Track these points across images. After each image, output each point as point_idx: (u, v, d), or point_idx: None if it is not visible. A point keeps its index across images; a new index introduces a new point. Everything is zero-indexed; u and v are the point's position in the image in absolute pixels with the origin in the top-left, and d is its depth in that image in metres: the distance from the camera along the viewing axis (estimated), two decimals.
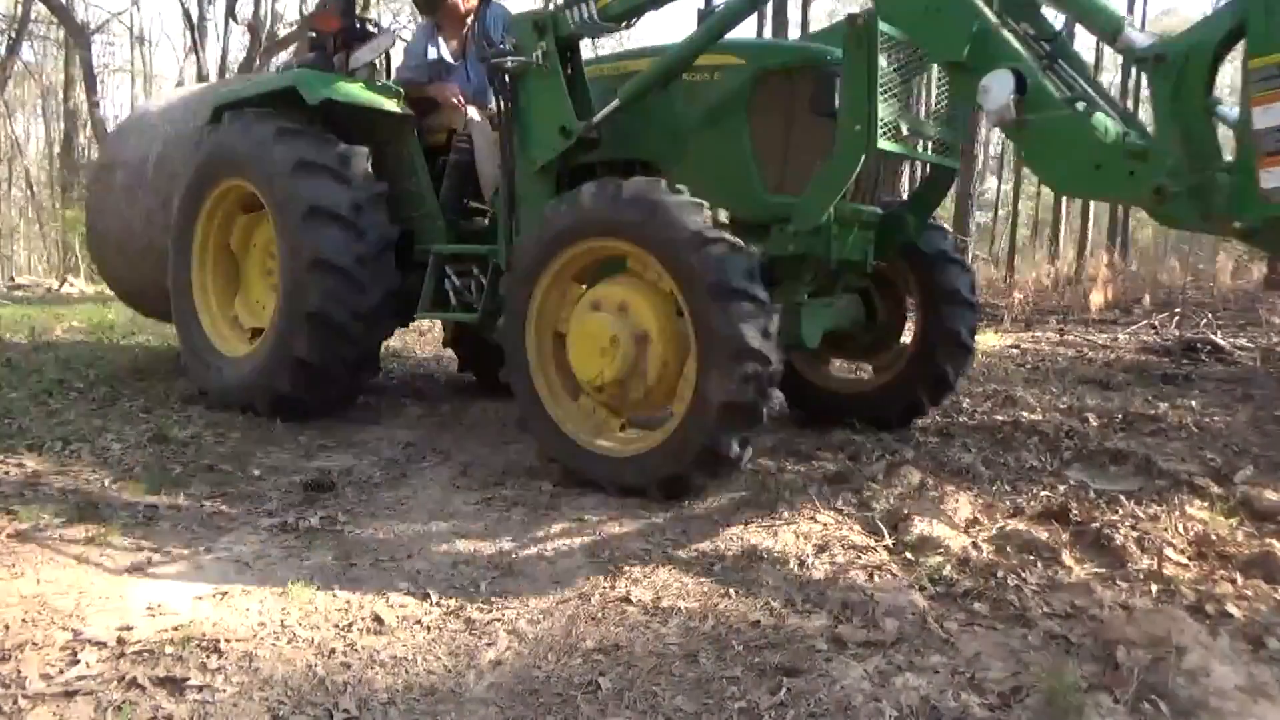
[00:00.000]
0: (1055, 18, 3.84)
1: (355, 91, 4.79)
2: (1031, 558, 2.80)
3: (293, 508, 3.36)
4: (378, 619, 2.43)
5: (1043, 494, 3.52)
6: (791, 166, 3.90)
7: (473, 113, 4.85)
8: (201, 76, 20.85)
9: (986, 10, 3.09)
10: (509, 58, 4.02)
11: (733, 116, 3.86)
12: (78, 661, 2.12)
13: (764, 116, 3.86)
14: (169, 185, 5.74)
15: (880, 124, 3.41)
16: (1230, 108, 2.73)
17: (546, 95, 4.02)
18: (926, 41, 3.34)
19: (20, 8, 20.49)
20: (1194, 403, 5.20)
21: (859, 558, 2.80)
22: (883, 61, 3.44)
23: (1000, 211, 34.88)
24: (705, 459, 3.34)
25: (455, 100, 4.92)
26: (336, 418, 4.97)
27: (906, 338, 4.71)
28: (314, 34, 5.36)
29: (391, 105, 4.86)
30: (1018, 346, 7.91)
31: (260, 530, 3.11)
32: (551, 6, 4.06)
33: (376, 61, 5.26)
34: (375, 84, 4.93)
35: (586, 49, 4.28)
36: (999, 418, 4.91)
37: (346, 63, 5.10)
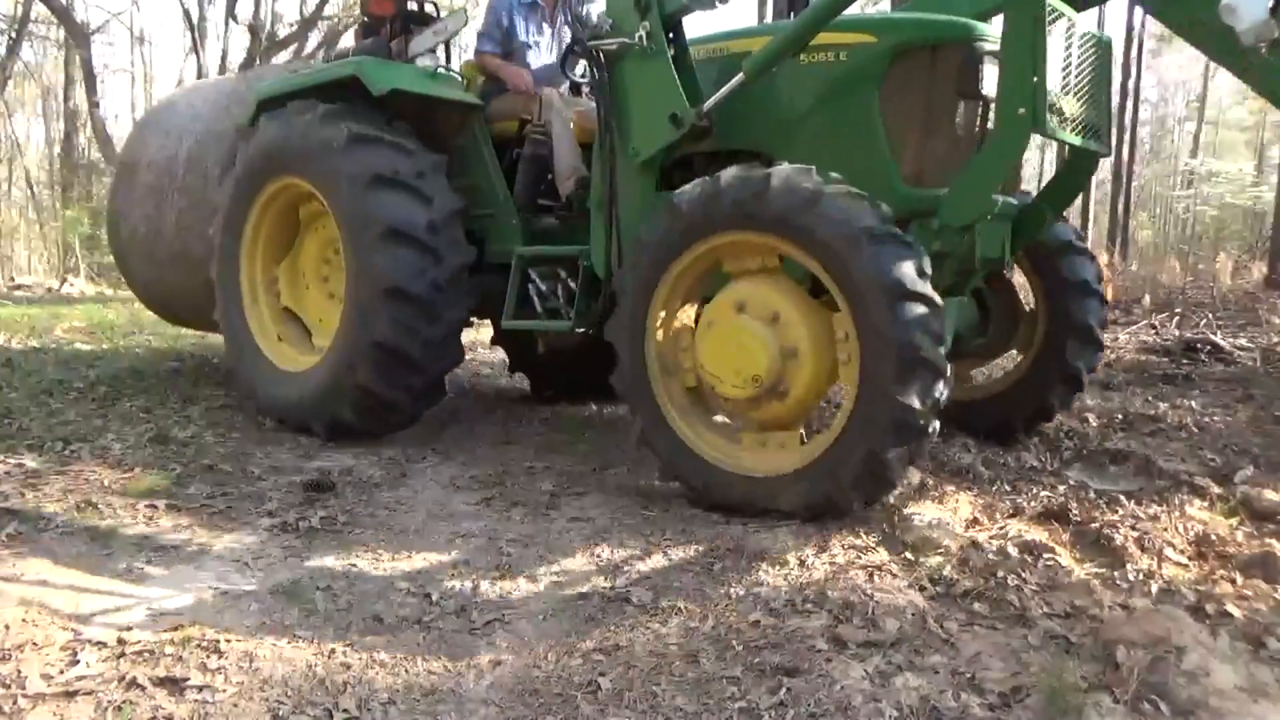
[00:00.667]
0: None
1: (425, 81, 4.45)
2: (1031, 558, 2.80)
3: (293, 508, 3.36)
4: (378, 619, 2.43)
5: (1043, 494, 3.52)
6: (931, 155, 3.56)
7: (551, 98, 4.47)
8: (201, 76, 20.84)
9: None
10: (608, 39, 3.67)
11: (863, 100, 3.51)
12: (78, 661, 2.12)
13: (900, 100, 3.50)
14: (203, 185, 5.45)
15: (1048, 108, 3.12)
16: None
17: (652, 80, 3.66)
18: None
19: (20, 8, 20.49)
20: (1194, 403, 5.20)
21: (859, 558, 2.80)
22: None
23: None
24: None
25: (528, 87, 4.58)
26: None
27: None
28: (367, 19, 5.01)
29: (462, 96, 4.56)
30: None
31: (260, 530, 3.11)
32: None
33: (439, 48, 4.82)
34: (442, 72, 4.61)
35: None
36: None
37: (406, 49, 4.73)
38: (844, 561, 2.78)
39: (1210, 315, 8.73)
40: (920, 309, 2.91)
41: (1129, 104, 19.16)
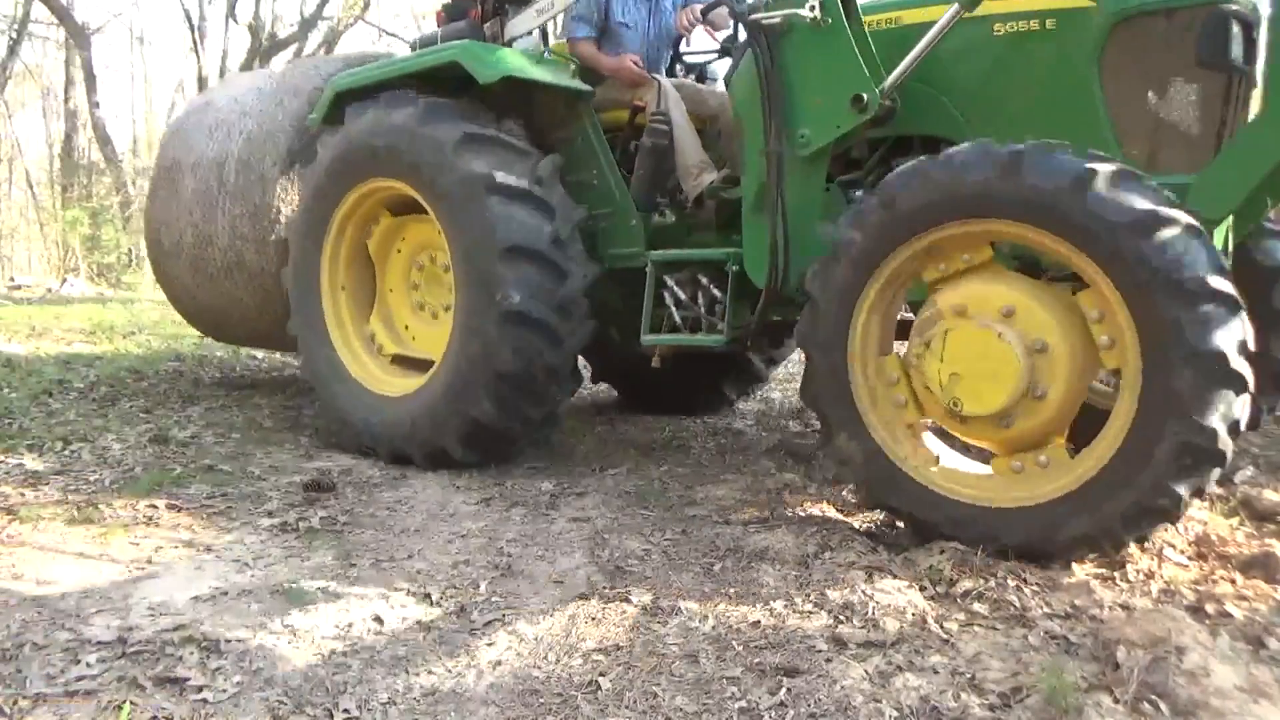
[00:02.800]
0: None
1: (538, 68, 4.03)
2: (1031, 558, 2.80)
3: (293, 508, 3.36)
4: (378, 619, 2.43)
5: None
6: (1165, 137, 3.10)
7: (667, 85, 4.13)
8: (201, 77, 20.85)
9: None
10: (771, 10, 3.30)
11: (1079, 76, 3.08)
12: (78, 661, 2.12)
13: (1126, 74, 3.07)
14: (259, 189, 4.95)
15: None
16: None
17: (827, 56, 3.22)
18: None
19: (20, 8, 20.50)
20: None
21: (859, 558, 2.80)
22: None
23: None
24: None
25: (638, 76, 4.19)
26: None
27: None
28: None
29: (577, 83, 4.13)
30: None
31: (260, 530, 3.11)
32: None
33: (536, 31, 4.41)
34: (547, 57, 4.22)
35: None
36: None
37: (502, 32, 4.30)
38: (844, 561, 2.78)
39: None
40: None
41: None
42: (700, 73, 4.88)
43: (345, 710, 1.98)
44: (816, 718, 1.95)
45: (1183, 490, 2.50)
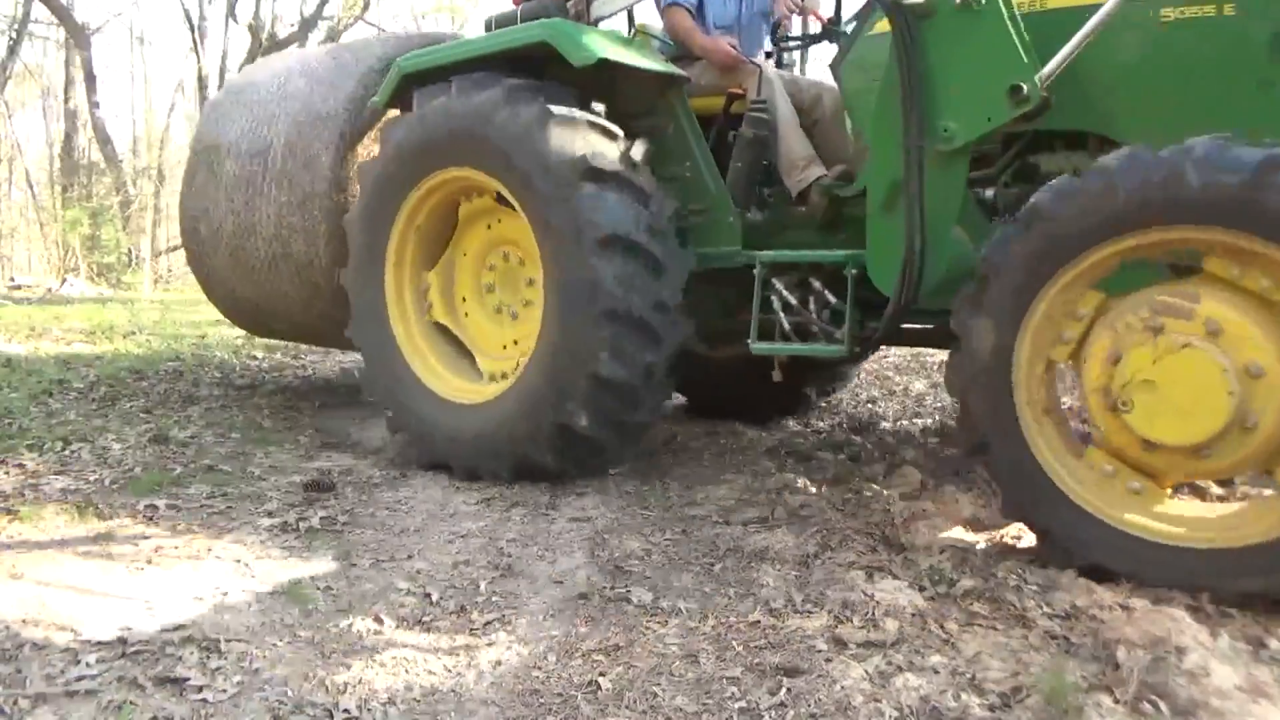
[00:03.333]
0: None
1: (631, 51, 3.72)
2: (1031, 558, 2.79)
3: (293, 508, 3.36)
4: (378, 619, 2.43)
5: None
6: None
7: (770, 71, 3.87)
8: (201, 77, 20.85)
9: None
10: None
11: (1260, 67, 2.80)
12: (78, 661, 2.12)
13: None
14: (307, 176, 4.61)
15: None
16: None
17: (981, 42, 2.94)
18: None
19: (20, 8, 20.49)
20: None
21: (859, 558, 2.80)
22: None
23: None
24: None
25: (733, 55, 3.91)
26: (337, 418, 4.97)
27: None
28: None
29: (670, 68, 3.83)
30: None
31: (260, 530, 3.11)
32: None
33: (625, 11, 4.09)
34: (640, 39, 3.91)
35: None
36: None
37: (587, 10, 3.96)
38: (844, 561, 2.78)
39: None
40: None
41: None
42: (778, 59, 4.59)
43: (345, 710, 1.98)
44: (816, 718, 1.95)
45: None
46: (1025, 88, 2.85)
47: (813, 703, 1.99)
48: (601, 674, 2.14)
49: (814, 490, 3.55)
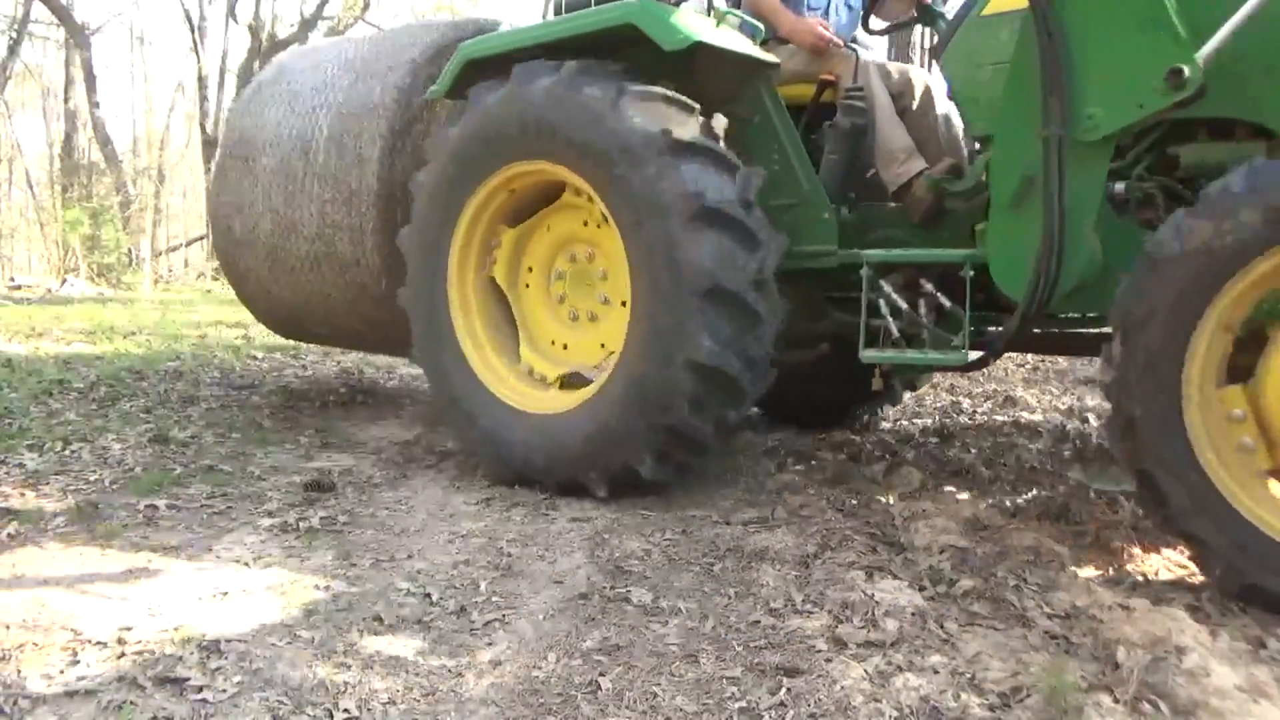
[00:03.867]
0: None
1: (722, 34, 3.45)
2: (1031, 558, 2.80)
3: (293, 508, 3.36)
4: (378, 619, 2.43)
5: (1043, 494, 3.52)
6: None
7: (867, 57, 3.67)
8: (201, 77, 20.86)
9: None
10: None
11: None
12: (78, 661, 2.12)
13: None
14: (358, 171, 4.34)
15: None
16: None
17: (1132, 21, 2.68)
18: None
19: (20, 8, 20.50)
20: None
21: (859, 558, 2.80)
22: None
23: None
24: None
25: (824, 38, 3.68)
26: (336, 418, 4.97)
27: None
28: None
29: (762, 53, 3.57)
30: None
31: (260, 530, 3.11)
32: None
33: None
34: (722, 19, 3.58)
35: None
36: (999, 418, 4.91)
37: None
38: (844, 561, 2.78)
39: None
40: None
41: None
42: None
43: (345, 710, 1.97)
44: (816, 718, 1.95)
45: None
46: (1186, 70, 2.57)
47: (813, 703, 1.99)
48: (601, 674, 2.14)
49: (814, 490, 3.55)
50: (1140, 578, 2.68)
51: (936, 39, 3.45)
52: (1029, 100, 2.86)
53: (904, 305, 3.20)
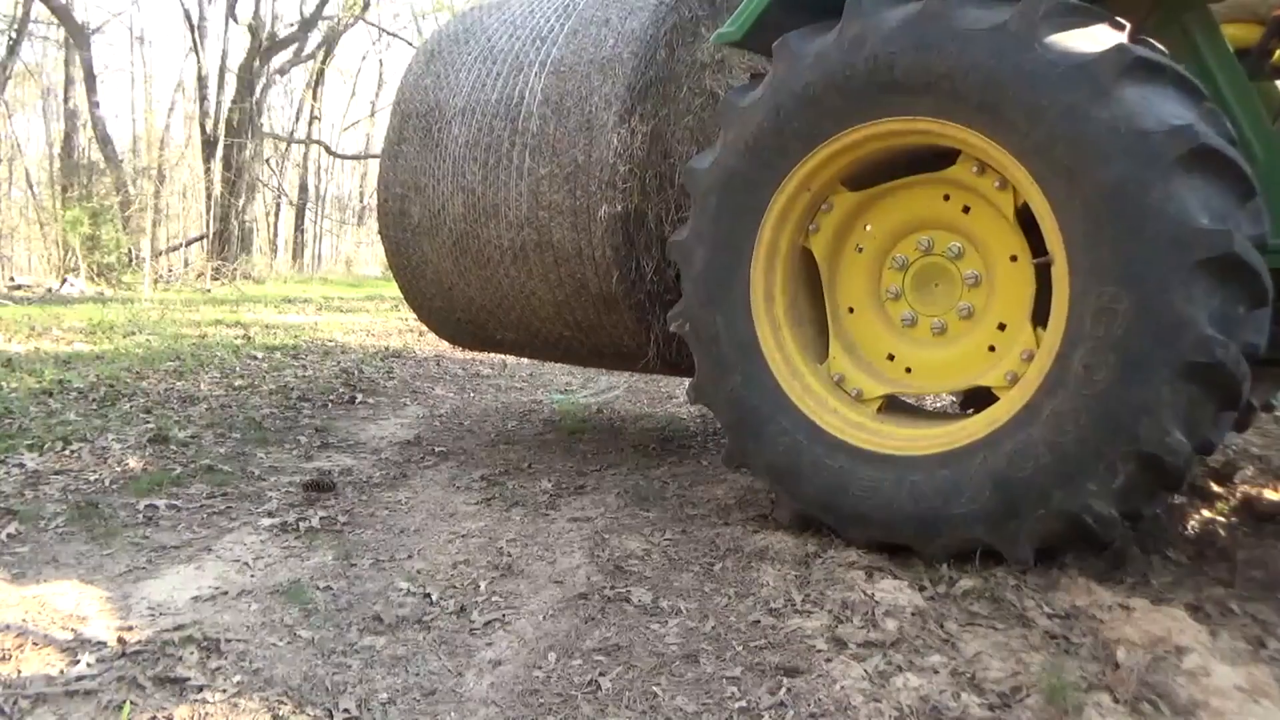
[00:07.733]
0: None
1: None
2: None
3: (293, 508, 3.36)
4: (378, 619, 2.43)
5: None
6: None
7: None
8: (201, 77, 20.85)
9: None
10: None
11: None
12: (78, 661, 2.12)
13: None
14: (586, 141, 3.59)
15: None
16: None
17: None
18: None
19: (20, 8, 20.49)
20: None
21: (859, 558, 2.80)
22: None
23: None
24: None
25: None
26: (336, 418, 4.97)
27: None
28: None
29: None
30: None
31: (260, 530, 3.11)
32: None
33: None
34: None
35: None
36: None
37: None
38: (844, 561, 2.78)
39: None
40: None
41: None
42: None
43: (345, 710, 1.98)
44: (816, 718, 1.95)
45: None
46: None
47: (813, 702, 1.99)
48: (601, 674, 2.14)
49: None
50: (1140, 578, 2.68)
51: None
52: None
53: None
